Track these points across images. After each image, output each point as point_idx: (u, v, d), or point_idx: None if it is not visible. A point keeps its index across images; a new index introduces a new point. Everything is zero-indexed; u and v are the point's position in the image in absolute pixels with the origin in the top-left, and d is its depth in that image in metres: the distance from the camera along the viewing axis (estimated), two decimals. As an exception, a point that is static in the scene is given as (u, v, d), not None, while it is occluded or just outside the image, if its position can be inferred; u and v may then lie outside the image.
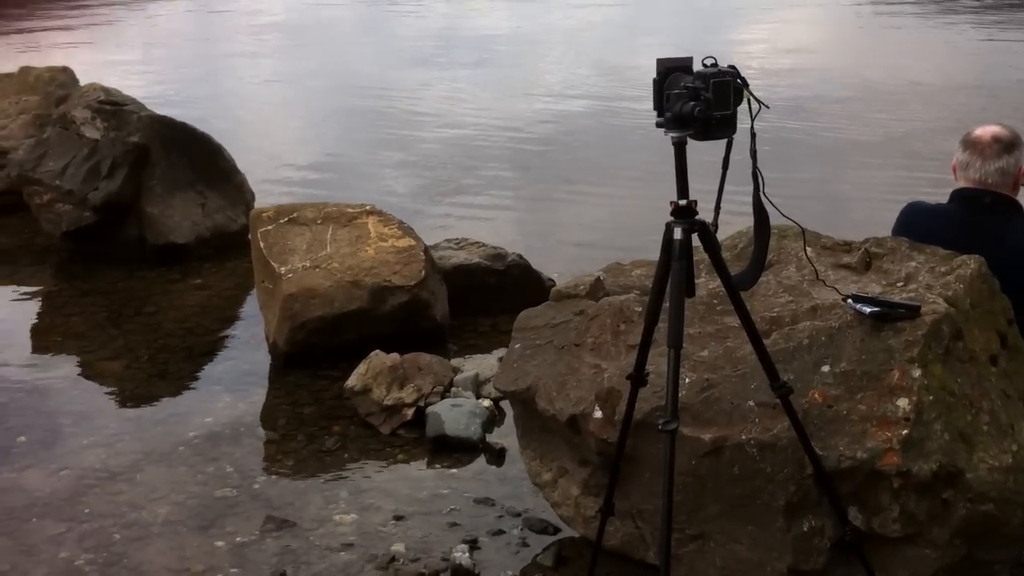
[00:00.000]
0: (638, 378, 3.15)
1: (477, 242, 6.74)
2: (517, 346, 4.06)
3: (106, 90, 7.80)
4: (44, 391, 5.47)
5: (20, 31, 21.01)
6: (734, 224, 3.77)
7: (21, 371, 5.73)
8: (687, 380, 3.32)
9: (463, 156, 10.60)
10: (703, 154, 3.02)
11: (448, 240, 6.80)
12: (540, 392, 3.76)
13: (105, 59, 16.40)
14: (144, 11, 25.86)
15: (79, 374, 5.71)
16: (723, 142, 2.90)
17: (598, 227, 8.28)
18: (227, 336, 6.26)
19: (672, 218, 2.90)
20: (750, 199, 3.01)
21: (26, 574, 3.88)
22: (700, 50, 3.02)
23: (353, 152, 11.07)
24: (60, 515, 4.24)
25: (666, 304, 2.94)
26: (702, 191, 2.97)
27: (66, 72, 9.35)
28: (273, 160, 10.29)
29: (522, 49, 18.49)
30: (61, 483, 4.50)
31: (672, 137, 2.84)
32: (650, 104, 2.91)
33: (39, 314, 6.68)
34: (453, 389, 5.19)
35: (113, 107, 7.51)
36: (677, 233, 2.88)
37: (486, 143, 11.14)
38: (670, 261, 2.89)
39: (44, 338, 6.24)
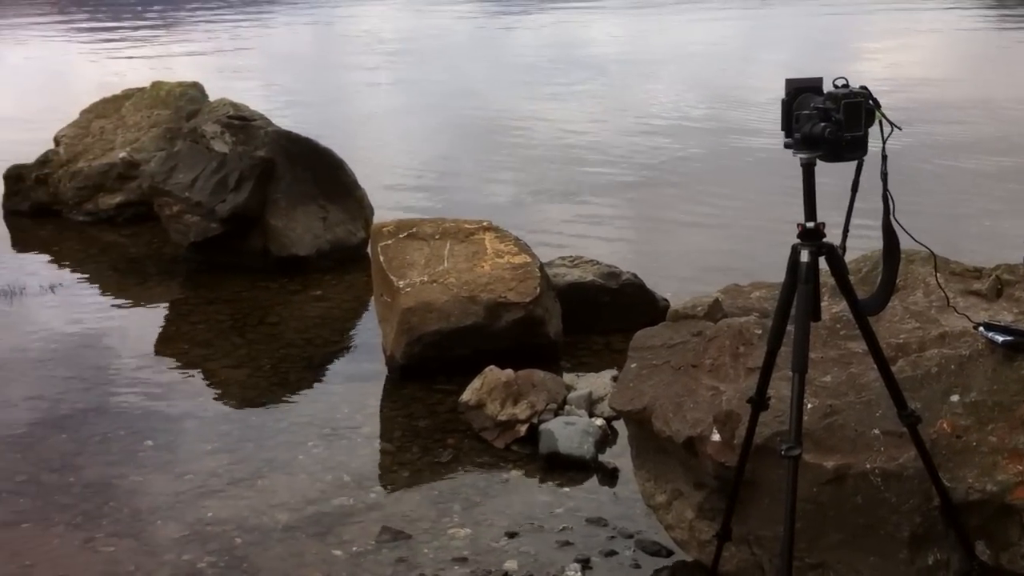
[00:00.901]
0: (759, 402, 3.12)
1: (591, 260, 6.74)
2: (633, 365, 4.04)
3: (235, 105, 8.06)
4: (170, 397, 5.65)
5: (146, 55, 21.80)
6: (856, 248, 3.69)
7: (149, 377, 5.92)
8: (809, 406, 3.26)
9: (576, 175, 10.62)
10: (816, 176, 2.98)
11: (562, 258, 6.82)
12: (656, 413, 3.74)
13: (232, 74, 16.92)
14: (269, 28, 26.62)
15: (204, 381, 5.88)
16: (851, 164, 2.85)
17: (712, 248, 8.21)
18: (345, 347, 6.39)
19: (799, 240, 2.86)
20: (868, 222, 2.96)
21: (150, 575, 4.00)
22: (818, 72, 2.97)
23: (468, 169, 11.19)
24: (184, 518, 4.37)
25: (790, 327, 2.90)
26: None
27: (196, 87, 9.69)
28: (391, 175, 10.46)
29: (635, 69, 18.46)
30: (185, 487, 4.64)
31: (801, 158, 2.81)
32: (766, 127, 2.89)
33: (166, 321, 6.90)
34: (566, 407, 5.19)
35: (241, 122, 7.75)
36: (804, 256, 2.84)
37: (599, 162, 11.14)
38: (796, 284, 2.86)
39: (171, 345, 6.44)
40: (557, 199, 9.74)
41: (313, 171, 7.91)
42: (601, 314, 6.33)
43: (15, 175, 9.05)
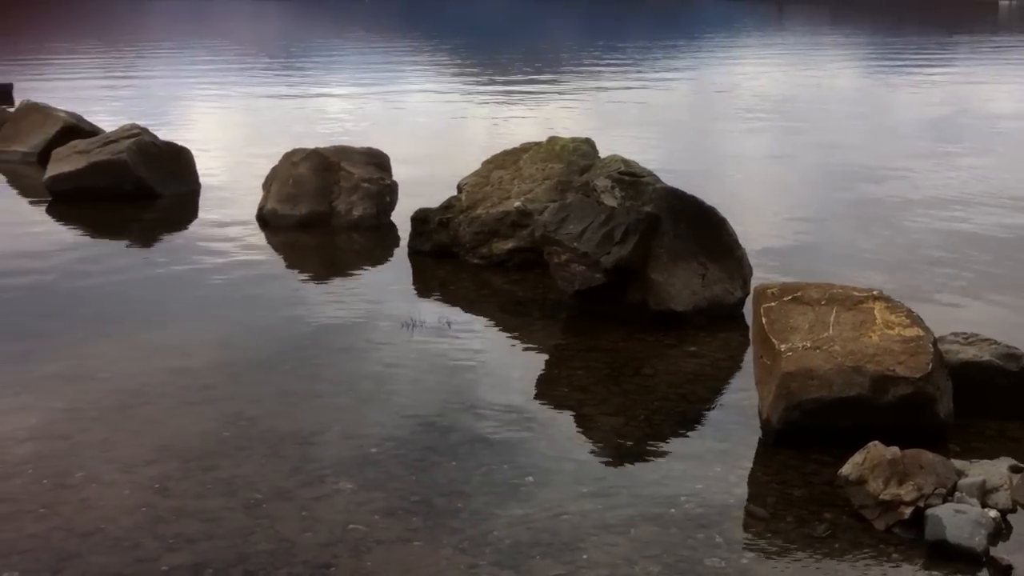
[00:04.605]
0: None
1: (988, 339, 6.32)
2: (1044, 459, 3.74)
3: (626, 162, 8.33)
4: (550, 436, 5.88)
5: (542, 110, 22.98)
6: None
7: (531, 415, 6.19)
8: None
9: (966, 243, 10.04)
10: None
11: (955, 334, 6.43)
12: (1070, 513, 3.44)
13: (619, 129, 17.49)
14: (652, 86, 27.30)
15: (581, 425, 6.07)
16: None
17: None
18: (719, 406, 6.38)
19: None
20: None
21: (528, 607, 4.19)
22: None
23: (845, 231, 10.87)
24: (561, 556, 4.53)
25: None
26: None
27: (588, 143, 10.10)
28: (767, 234, 10.35)
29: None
30: (562, 526, 4.81)
31: None
32: None
33: (547, 364, 7.20)
34: (956, 493, 4.89)
35: (631, 178, 8.01)
36: None
37: (992, 232, 10.44)
38: None
39: (552, 387, 6.72)
40: (943, 268, 9.23)
41: (696, 228, 8.01)
42: (996, 398, 5.94)
43: (421, 217, 9.83)
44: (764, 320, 5.98)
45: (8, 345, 7.29)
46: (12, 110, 17.19)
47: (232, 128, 19.85)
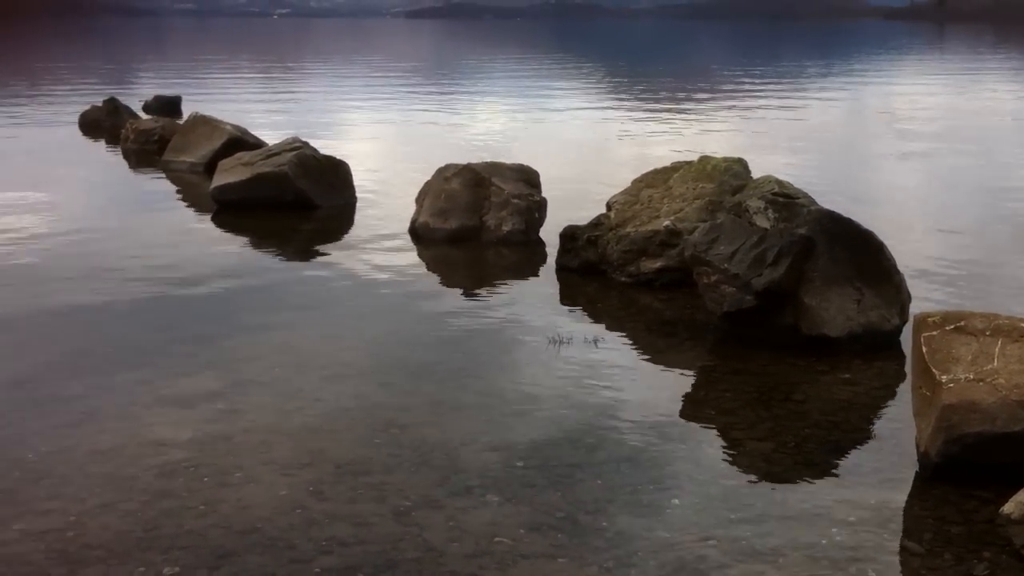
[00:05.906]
0: None
1: None
2: None
3: (780, 183, 8.18)
4: (696, 459, 5.80)
5: (693, 129, 22.80)
6: None
7: (678, 436, 6.12)
8: None
9: None
10: None
11: None
12: None
13: (772, 150, 17.23)
14: (805, 105, 26.78)
15: (729, 449, 5.98)
16: None
17: None
18: (874, 436, 6.19)
19: None
20: None
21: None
22: None
23: (1014, 262, 10.41)
24: (701, 582, 4.49)
25: None
26: None
27: (740, 163, 9.97)
28: (924, 261, 10.01)
29: None
30: (709, 551, 4.74)
31: None
32: None
33: (693, 386, 7.12)
34: None
35: (785, 199, 7.86)
36: None
37: None
38: None
39: (698, 409, 6.64)
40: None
41: (852, 252, 7.81)
42: None
43: (570, 234, 9.87)
44: (924, 349, 5.79)
45: (173, 347, 7.64)
46: (181, 122, 18.05)
47: (387, 143, 20.35)
